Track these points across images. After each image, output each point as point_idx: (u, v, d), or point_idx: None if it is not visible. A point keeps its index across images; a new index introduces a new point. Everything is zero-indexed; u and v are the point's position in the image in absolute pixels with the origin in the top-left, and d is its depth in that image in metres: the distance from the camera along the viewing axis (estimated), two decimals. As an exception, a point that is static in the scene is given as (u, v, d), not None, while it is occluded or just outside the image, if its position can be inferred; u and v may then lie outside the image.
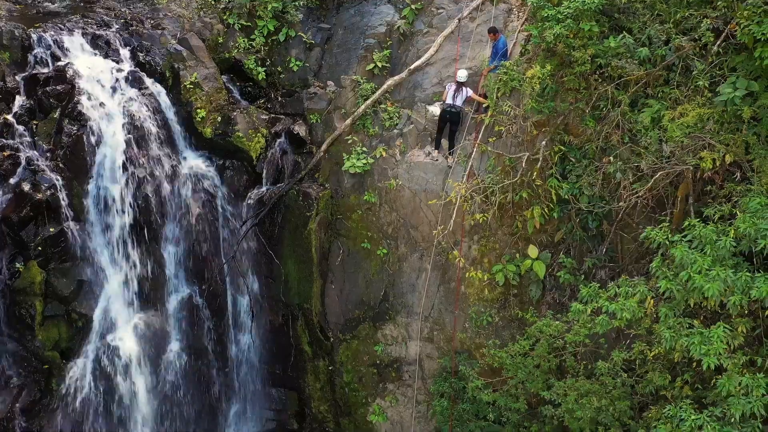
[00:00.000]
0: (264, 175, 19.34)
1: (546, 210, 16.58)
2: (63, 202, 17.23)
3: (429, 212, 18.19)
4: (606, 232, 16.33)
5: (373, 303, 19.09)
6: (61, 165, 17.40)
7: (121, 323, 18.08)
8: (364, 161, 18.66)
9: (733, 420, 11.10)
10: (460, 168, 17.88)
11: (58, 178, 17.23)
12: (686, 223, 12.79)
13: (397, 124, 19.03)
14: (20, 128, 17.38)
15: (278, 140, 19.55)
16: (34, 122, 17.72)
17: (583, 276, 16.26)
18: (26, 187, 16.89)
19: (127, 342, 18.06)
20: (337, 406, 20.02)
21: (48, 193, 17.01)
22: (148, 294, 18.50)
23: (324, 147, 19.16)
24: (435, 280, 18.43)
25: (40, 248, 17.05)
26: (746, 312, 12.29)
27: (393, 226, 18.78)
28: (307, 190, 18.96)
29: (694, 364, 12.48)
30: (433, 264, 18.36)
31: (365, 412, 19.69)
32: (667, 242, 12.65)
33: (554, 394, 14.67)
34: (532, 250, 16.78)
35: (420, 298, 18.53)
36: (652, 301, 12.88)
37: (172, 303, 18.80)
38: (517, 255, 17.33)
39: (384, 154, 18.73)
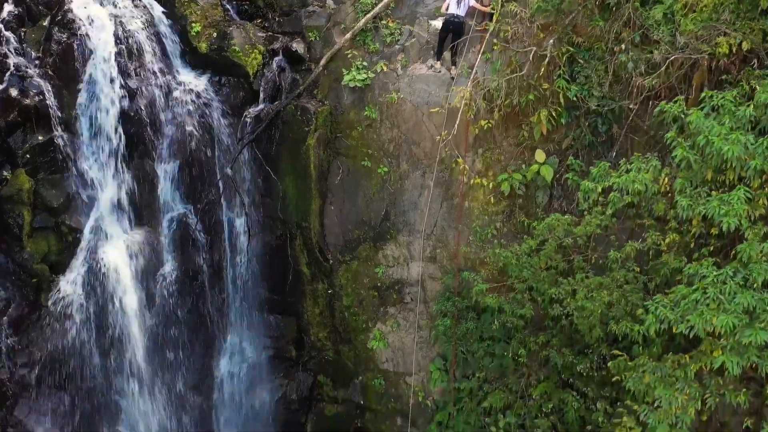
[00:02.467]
0: (261, 92, 18.70)
1: (553, 114, 15.95)
2: (52, 110, 16.69)
3: (431, 126, 17.57)
4: (616, 136, 15.71)
5: (373, 223, 18.47)
6: (50, 72, 16.88)
7: (112, 239, 17.48)
8: (365, 75, 18.04)
9: (755, 285, 10.46)
10: (464, 79, 17.24)
11: (47, 85, 16.70)
12: (702, 95, 12.18)
13: (398, 40, 18.42)
14: (8, 35, 16.84)
15: (276, 58, 18.91)
16: (23, 30, 17.22)
17: (592, 180, 15.62)
18: (14, 92, 16.40)
19: (119, 259, 17.45)
20: (336, 333, 19.38)
21: (36, 99, 16.48)
22: (141, 211, 17.92)
23: (323, 62, 18.54)
24: (438, 197, 17.82)
25: (28, 156, 16.55)
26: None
27: (394, 143, 18.16)
28: (305, 105, 18.35)
29: (712, 241, 11.89)
30: (435, 181, 17.74)
31: (365, 338, 19.05)
32: (683, 116, 12.04)
33: (563, 291, 14.05)
34: (539, 155, 16.15)
35: (422, 216, 17.91)
36: (666, 178, 12.27)
37: (166, 221, 18.17)
38: (523, 166, 16.72)
39: (385, 68, 18.11)
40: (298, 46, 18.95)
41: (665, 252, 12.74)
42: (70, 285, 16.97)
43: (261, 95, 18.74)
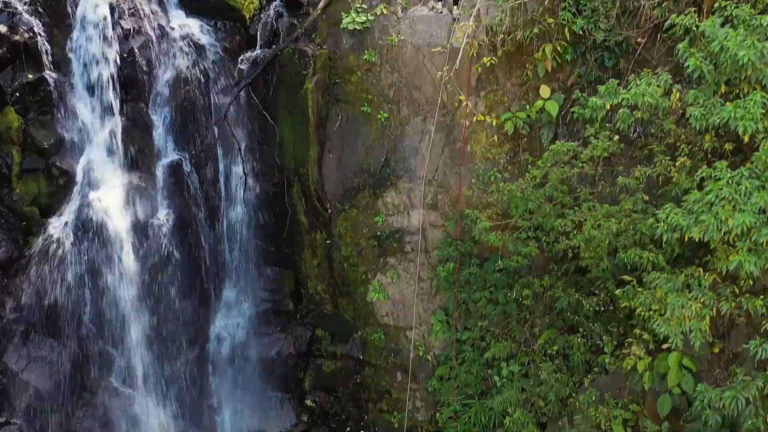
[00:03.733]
0: (258, 37, 18.26)
1: (558, 50, 15.46)
2: (42, 49, 16.22)
3: (433, 69, 17.07)
4: (623, 71, 15.24)
5: (373, 170, 17.98)
6: (40, 10, 16.40)
7: (104, 184, 17.02)
8: (364, 18, 17.56)
9: (772, 192, 9.98)
10: (466, 18, 16.72)
11: (38, 22, 16.23)
12: (715, 6, 11.70)
13: (399, -16, 17.97)
14: (-4, -29, 16.40)
15: (273, 2, 18.43)
16: (12, -34, 16.72)
17: (598, 117, 15.14)
18: (2, 29, 15.90)
19: (111, 204, 16.97)
20: (335, 285, 18.90)
21: (26, 36, 16.01)
22: (134, 156, 17.41)
23: (321, 4, 18.04)
24: (439, 141, 17.35)
25: (17, 94, 16.05)
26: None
27: (395, 88, 17.68)
28: (303, 48, 17.86)
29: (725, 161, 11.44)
30: (437, 125, 17.26)
31: (365, 291, 18.58)
32: (695, 27, 11.57)
33: (569, 223, 13.58)
34: (544, 91, 15.65)
35: (423, 162, 17.44)
36: (678, 93, 11.79)
37: (160, 168, 17.68)
38: (527, 106, 16.25)
39: (385, 11, 17.59)
40: (296, -9, 18.49)
41: (676, 173, 12.28)
42: (60, 229, 16.50)
43: (258, 40, 18.29)
